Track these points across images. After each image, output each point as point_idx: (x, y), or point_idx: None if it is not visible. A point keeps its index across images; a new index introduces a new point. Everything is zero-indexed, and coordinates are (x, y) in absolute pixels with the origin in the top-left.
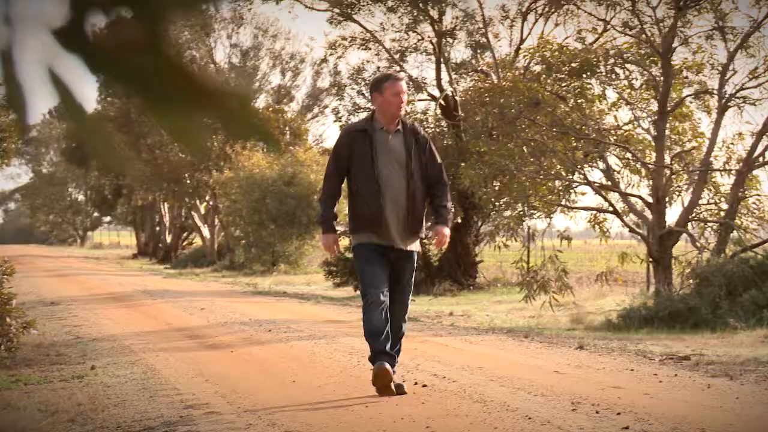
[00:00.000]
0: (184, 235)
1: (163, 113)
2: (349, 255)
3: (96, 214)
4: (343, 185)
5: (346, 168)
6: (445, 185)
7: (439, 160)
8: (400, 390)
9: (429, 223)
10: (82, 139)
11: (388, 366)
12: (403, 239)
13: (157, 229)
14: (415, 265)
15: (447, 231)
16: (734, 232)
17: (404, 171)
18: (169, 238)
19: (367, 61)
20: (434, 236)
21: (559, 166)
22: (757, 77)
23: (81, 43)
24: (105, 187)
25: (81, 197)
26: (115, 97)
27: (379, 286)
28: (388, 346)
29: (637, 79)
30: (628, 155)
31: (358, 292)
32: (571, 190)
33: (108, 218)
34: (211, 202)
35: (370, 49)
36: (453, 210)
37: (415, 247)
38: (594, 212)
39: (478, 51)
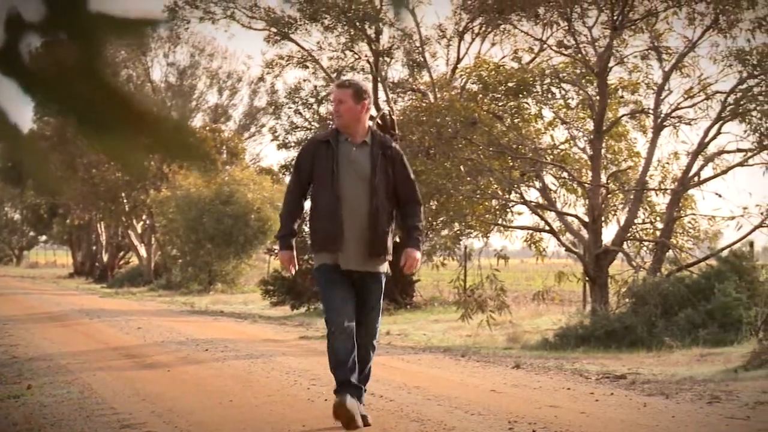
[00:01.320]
0: (121, 254)
1: (97, 136)
2: (286, 273)
3: (32, 233)
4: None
5: (307, 181)
6: (419, 205)
7: (412, 177)
8: (365, 421)
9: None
10: (17, 159)
11: (351, 400)
12: (365, 261)
13: (94, 248)
14: (383, 287)
15: (418, 255)
16: (670, 251)
17: (367, 186)
18: (105, 258)
19: (305, 80)
20: (404, 260)
21: (495, 186)
22: (692, 97)
23: (15, 65)
24: (41, 206)
25: (17, 216)
26: (51, 117)
27: (344, 312)
28: (354, 377)
29: (573, 99)
30: (565, 174)
31: (295, 311)
32: (508, 210)
33: (44, 237)
34: (147, 221)
35: (307, 68)
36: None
37: (381, 268)
38: (530, 231)
39: (415, 70)
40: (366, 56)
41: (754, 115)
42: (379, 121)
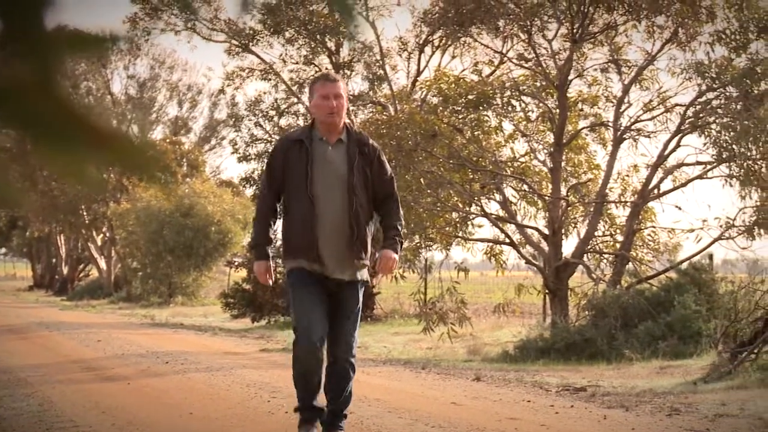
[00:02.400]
0: (81, 266)
1: (54, 153)
2: (247, 285)
3: None
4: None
5: (280, 184)
6: (396, 201)
7: (390, 173)
8: None
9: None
10: None
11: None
12: (342, 267)
13: (54, 260)
14: (361, 296)
15: (395, 256)
16: (630, 263)
17: (345, 187)
18: (65, 270)
19: (265, 93)
20: (380, 262)
21: (456, 198)
22: (651, 110)
23: None
24: (0, 218)
25: None
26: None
27: (313, 319)
28: (317, 399)
29: (533, 112)
30: (525, 187)
31: (256, 324)
32: (468, 222)
33: (3, 250)
34: (107, 234)
35: (269, 80)
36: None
37: (359, 275)
38: (491, 244)
39: (376, 83)
40: (326, 69)
41: (714, 128)
42: None
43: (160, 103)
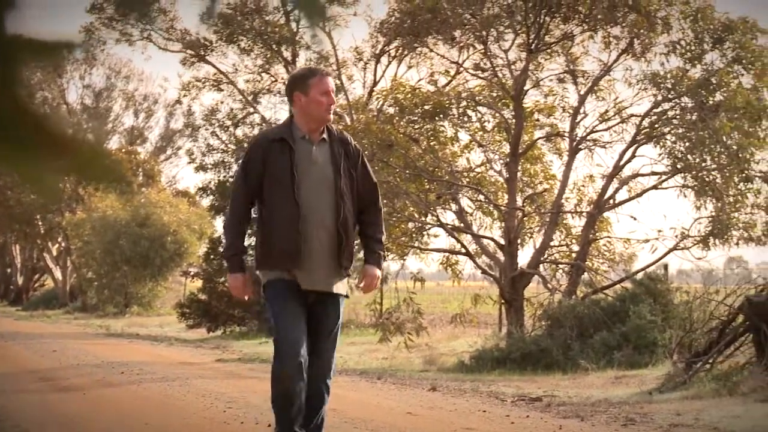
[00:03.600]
0: (36, 276)
1: (12, 159)
2: (203, 296)
3: None
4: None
5: (257, 187)
6: (380, 210)
7: (374, 178)
8: None
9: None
10: None
11: None
12: (328, 279)
13: (8, 270)
14: (342, 312)
15: (378, 273)
16: (585, 273)
17: (332, 190)
18: (20, 280)
19: (221, 102)
20: (362, 279)
21: (412, 208)
22: (607, 120)
23: None
24: None
25: None
26: None
27: (296, 335)
28: (298, 423)
29: (489, 122)
30: (481, 197)
31: (211, 334)
32: (424, 232)
33: None
34: (63, 244)
35: (222, 90)
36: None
37: (342, 288)
38: (447, 254)
39: None
40: (282, 78)
41: (669, 139)
42: None
43: (116, 113)
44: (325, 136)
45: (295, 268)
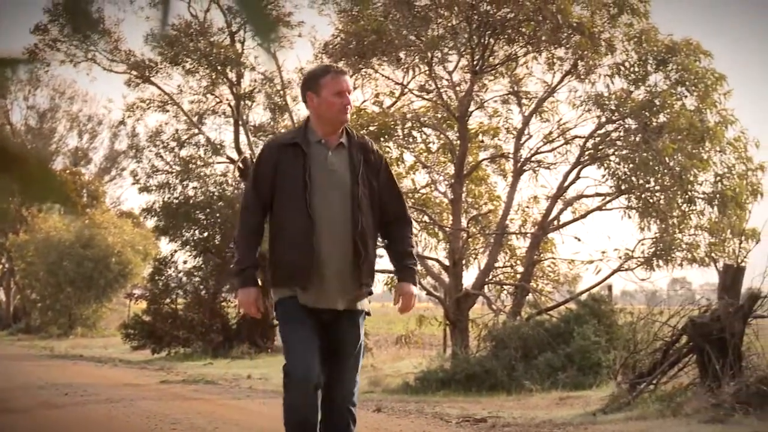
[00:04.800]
0: None
1: None
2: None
3: None
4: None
5: (269, 197)
6: (409, 223)
7: (399, 188)
8: None
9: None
10: None
11: None
12: (345, 297)
13: None
14: (362, 330)
15: (415, 291)
16: (530, 294)
17: (349, 200)
18: None
19: (166, 123)
20: (400, 299)
21: None
22: (551, 141)
23: None
24: None
25: None
26: None
27: (307, 362)
28: None
29: (434, 143)
30: (426, 218)
31: (156, 355)
32: None
33: None
34: (6, 265)
35: (168, 111)
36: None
37: (361, 305)
38: (391, 275)
39: (277, 113)
40: (227, 99)
41: (613, 160)
42: (241, 165)
43: (60, 134)
44: (343, 140)
45: (307, 286)
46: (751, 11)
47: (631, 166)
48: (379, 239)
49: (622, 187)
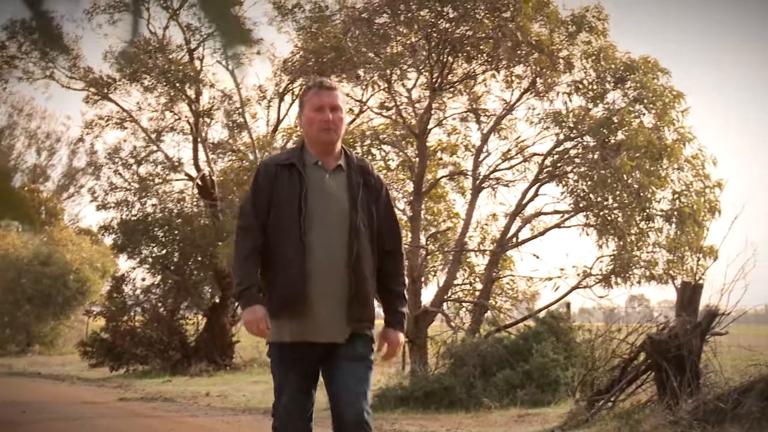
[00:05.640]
0: None
1: None
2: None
3: None
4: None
5: (266, 217)
6: (402, 257)
7: (397, 218)
8: None
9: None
10: None
11: None
12: (341, 329)
13: None
14: (369, 348)
15: (401, 338)
16: (488, 312)
17: (346, 227)
18: None
19: (124, 141)
20: (385, 346)
21: None
22: (509, 159)
23: None
24: None
25: None
26: None
27: (296, 412)
28: None
29: (393, 160)
30: None
31: (114, 373)
32: None
33: None
34: None
35: (126, 128)
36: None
37: (364, 330)
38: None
39: (235, 131)
40: (186, 117)
41: (571, 177)
42: (200, 182)
43: (19, 151)
44: (342, 162)
45: (300, 317)
46: (708, 29)
47: (589, 183)
48: None
49: (581, 205)
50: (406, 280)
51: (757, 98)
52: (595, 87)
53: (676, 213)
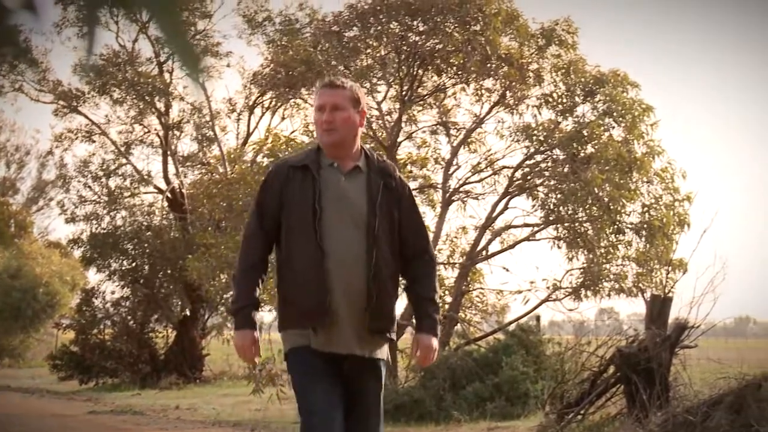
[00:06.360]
0: None
1: None
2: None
3: None
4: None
5: (276, 223)
6: (432, 261)
7: (422, 220)
8: None
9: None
10: None
11: None
12: (360, 342)
13: None
14: (383, 379)
15: (435, 343)
16: (458, 325)
17: (364, 233)
18: None
19: (93, 154)
20: (418, 352)
21: None
22: (479, 172)
23: None
24: None
25: None
26: None
27: (327, 413)
28: None
29: None
30: None
31: (83, 386)
32: None
33: None
34: None
35: (95, 141)
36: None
37: (381, 353)
38: None
39: (205, 144)
40: (155, 129)
41: (541, 190)
42: (170, 195)
43: None
44: (360, 163)
45: (319, 328)
46: (677, 42)
47: (559, 196)
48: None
49: (551, 218)
50: (438, 286)
51: (757, 98)
52: (564, 100)
53: (645, 226)
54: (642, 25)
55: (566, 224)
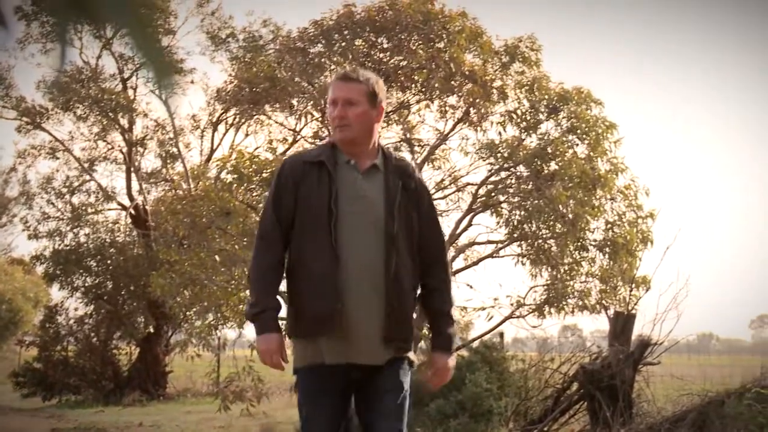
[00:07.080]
0: None
1: None
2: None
3: None
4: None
5: (290, 222)
6: (448, 268)
7: (440, 225)
8: None
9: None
10: None
11: None
12: (377, 350)
13: None
14: (408, 378)
15: (452, 363)
16: (422, 342)
17: (382, 236)
18: None
19: (57, 170)
20: (433, 372)
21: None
22: (443, 189)
23: None
24: None
25: None
26: None
27: None
28: None
29: None
30: None
31: (47, 403)
32: None
33: None
34: None
35: (59, 158)
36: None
37: (403, 352)
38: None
39: (169, 160)
40: (119, 146)
41: (505, 207)
42: (133, 212)
43: None
44: (378, 162)
45: (331, 335)
46: (677, 42)
47: (523, 213)
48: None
49: (515, 235)
50: (454, 298)
51: (757, 98)
52: (528, 117)
53: (609, 243)
54: (637, 28)
55: (530, 241)
